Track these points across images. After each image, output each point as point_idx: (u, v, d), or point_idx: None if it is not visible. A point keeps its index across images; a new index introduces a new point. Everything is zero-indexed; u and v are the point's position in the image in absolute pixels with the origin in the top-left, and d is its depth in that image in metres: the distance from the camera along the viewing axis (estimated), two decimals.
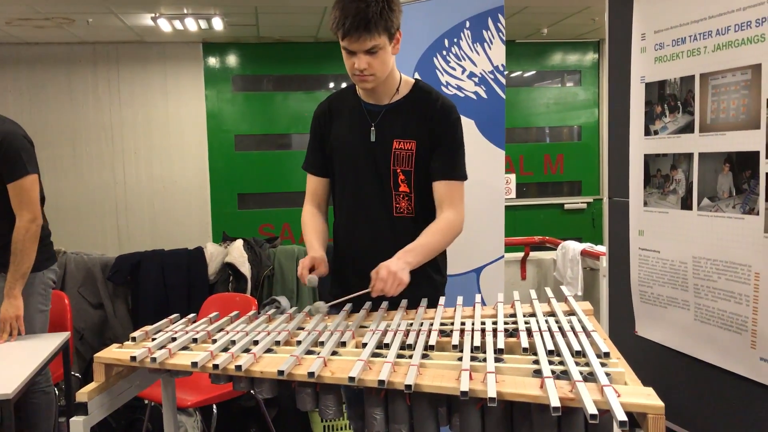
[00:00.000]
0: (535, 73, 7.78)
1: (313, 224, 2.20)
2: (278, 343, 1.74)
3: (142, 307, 3.85)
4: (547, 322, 1.72)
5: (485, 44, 2.84)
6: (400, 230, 2.07)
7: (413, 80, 2.16)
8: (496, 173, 2.88)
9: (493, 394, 1.29)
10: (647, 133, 2.38)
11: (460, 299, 2.03)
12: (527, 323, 1.72)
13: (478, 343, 1.58)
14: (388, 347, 1.61)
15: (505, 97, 2.85)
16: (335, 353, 1.63)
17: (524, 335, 1.62)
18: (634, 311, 2.51)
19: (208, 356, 1.64)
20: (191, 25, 6.21)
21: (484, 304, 2.01)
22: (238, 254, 3.89)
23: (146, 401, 3.30)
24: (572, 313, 1.84)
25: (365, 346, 1.63)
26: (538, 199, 7.82)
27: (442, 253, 2.17)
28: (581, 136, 7.83)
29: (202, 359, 1.62)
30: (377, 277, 1.85)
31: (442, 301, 2.02)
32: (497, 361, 1.48)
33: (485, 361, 1.46)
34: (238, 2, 5.57)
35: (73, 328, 3.44)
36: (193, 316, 2.08)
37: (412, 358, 1.52)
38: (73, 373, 3.51)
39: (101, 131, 7.10)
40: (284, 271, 3.94)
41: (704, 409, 2.24)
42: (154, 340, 1.81)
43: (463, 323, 1.77)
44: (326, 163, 2.22)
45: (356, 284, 1.98)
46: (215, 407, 3.24)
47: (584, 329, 1.65)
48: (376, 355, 1.58)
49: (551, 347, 1.52)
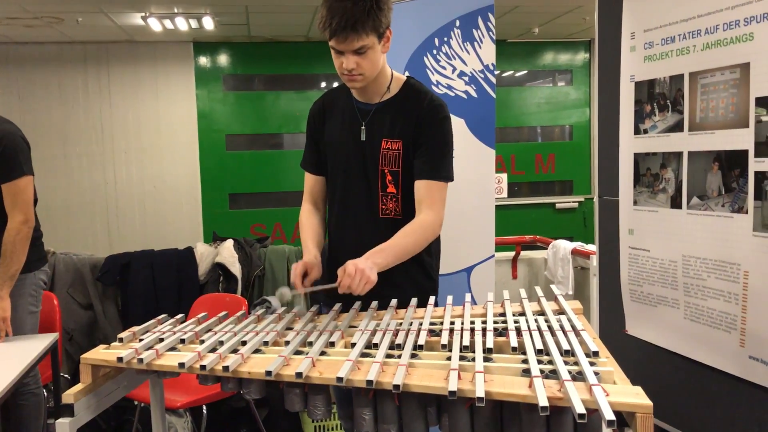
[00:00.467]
0: (526, 72, 7.79)
1: (309, 224, 2.18)
2: (266, 343, 1.73)
3: (131, 307, 3.83)
4: (536, 321, 1.72)
5: (475, 43, 2.84)
6: (386, 231, 1.99)
7: (404, 78, 2.13)
8: (486, 172, 2.88)
9: (481, 393, 1.29)
10: (637, 132, 2.38)
11: (450, 299, 2.02)
12: (516, 322, 1.72)
13: (467, 342, 1.57)
14: (377, 347, 1.61)
15: (495, 96, 2.86)
16: (324, 353, 1.62)
17: (513, 334, 1.62)
18: (624, 310, 2.51)
19: (195, 357, 1.63)
20: (182, 24, 6.19)
21: (474, 303, 2.00)
22: (228, 254, 3.88)
23: (136, 402, 3.28)
24: (562, 312, 1.83)
25: (354, 346, 1.63)
26: (529, 198, 7.84)
27: (434, 256, 2.15)
28: (572, 135, 7.86)
29: (189, 360, 1.61)
30: (344, 273, 1.79)
31: (432, 300, 2.00)
32: (486, 360, 1.47)
33: (474, 360, 1.45)
34: (228, 1, 5.55)
35: (62, 329, 3.42)
36: (181, 316, 2.06)
37: (401, 357, 1.51)
38: (62, 374, 3.49)
39: (91, 131, 7.06)
40: (275, 271, 3.92)
41: (694, 407, 2.24)
42: (141, 341, 1.80)
43: (452, 323, 1.76)
44: (322, 161, 2.20)
45: None
46: (205, 408, 3.23)
47: (573, 328, 1.65)
48: (365, 355, 1.57)
49: (540, 346, 1.52)
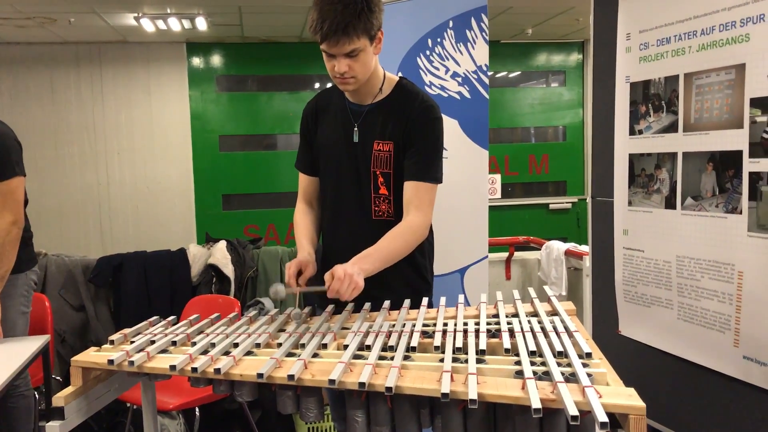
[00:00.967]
0: (520, 73, 7.79)
1: (304, 222, 2.17)
2: (258, 345, 1.71)
3: (124, 309, 3.81)
4: (529, 322, 1.71)
5: (468, 44, 2.84)
6: (380, 233, 1.97)
7: (397, 79, 2.11)
8: (479, 173, 2.88)
9: (474, 395, 1.28)
10: (632, 132, 2.38)
11: (443, 300, 2.01)
12: (510, 324, 1.71)
13: (460, 344, 1.56)
14: (369, 349, 1.60)
15: (488, 96, 2.85)
16: (316, 355, 1.61)
17: (506, 336, 1.61)
18: (617, 310, 2.51)
19: (187, 359, 1.61)
20: (174, 25, 6.16)
21: (467, 304, 1.99)
22: (221, 255, 3.86)
23: (128, 404, 3.26)
24: (555, 313, 1.83)
25: (347, 347, 1.62)
26: (523, 199, 7.84)
27: (428, 257, 2.14)
28: (566, 136, 7.87)
29: (180, 362, 1.59)
30: (333, 277, 1.77)
31: (425, 302, 1.99)
32: (479, 362, 1.46)
33: (467, 362, 1.44)
34: (221, 2, 5.53)
35: (54, 330, 3.39)
36: (173, 318, 2.05)
37: (393, 359, 1.50)
38: (54, 376, 3.47)
39: (84, 132, 7.02)
40: (268, 272, 3.91)
41: (687, 407, 2.24)
42: (132, 343, 1.78)
43: (445, 324, 1.75)
44: (315, 161, 2.19)
45: None
46: (198, 410, 3.21)
47: (567, 329, 1.64)
48: (357, 356, 1.56)
49: (533, 348, 1.51)
